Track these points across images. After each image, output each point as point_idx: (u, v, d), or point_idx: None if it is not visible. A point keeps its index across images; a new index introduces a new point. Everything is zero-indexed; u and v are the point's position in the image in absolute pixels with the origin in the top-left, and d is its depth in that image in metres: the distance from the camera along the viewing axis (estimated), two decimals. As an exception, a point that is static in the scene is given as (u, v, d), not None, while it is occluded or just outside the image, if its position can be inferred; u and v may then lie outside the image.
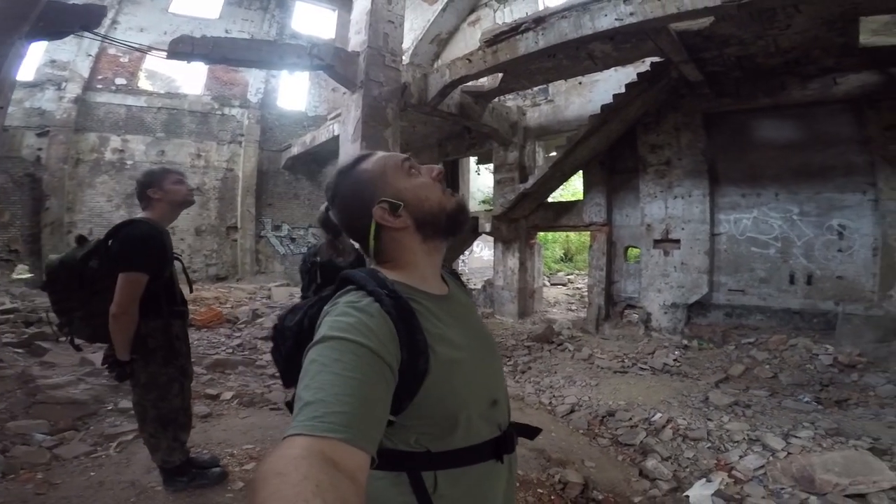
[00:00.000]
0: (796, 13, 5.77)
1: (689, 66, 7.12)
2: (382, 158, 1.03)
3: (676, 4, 5.23)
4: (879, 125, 6.79)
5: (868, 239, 6.99)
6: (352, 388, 0.69)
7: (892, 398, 4.54)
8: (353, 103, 7.33)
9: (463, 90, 8.72)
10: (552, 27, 6.42)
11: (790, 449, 3.56)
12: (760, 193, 7.81)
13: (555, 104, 10.12)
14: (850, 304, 6.94)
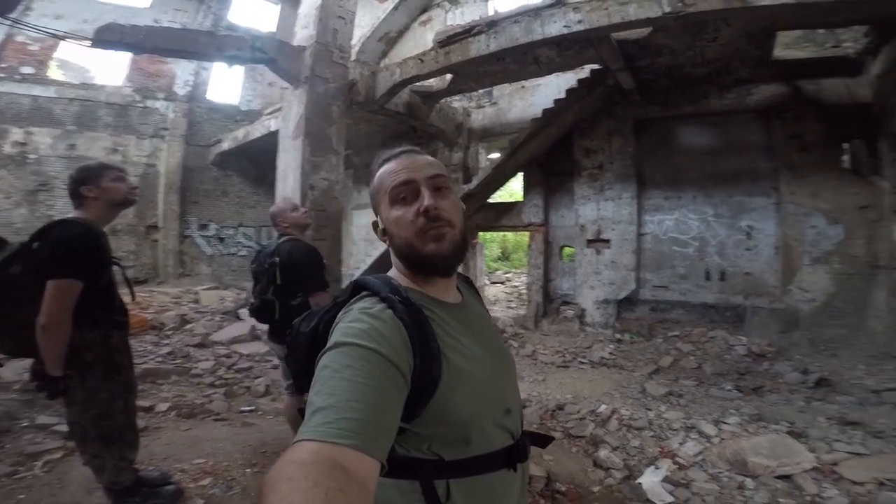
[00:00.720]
0: (724, 26, 6.23)
1: (625, 74, 7.48)
2: (383, 177, 0.99)
3: (621, 14, 5.53)
4: (783, 134, 7.53)
5: (771, 238, 7.73)
6: (363, 395, 0.68)
7: (798, 385, 5.04)
8: (296, 99, 7.05)
9: (412, 90, 8.63)
10: (504, 31, 6.53)
11: (722, 435, 3.81)
12: (681, 196, 8.41)
13: (499, 107, 10.28)
14: (757, 299, 7.66)
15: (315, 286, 2.74)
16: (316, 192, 7.18)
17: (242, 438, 3.36)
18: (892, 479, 2.70)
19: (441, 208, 0.92)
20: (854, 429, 3.73)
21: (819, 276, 7.19)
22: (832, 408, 4.33)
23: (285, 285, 2.72)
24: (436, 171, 0.97)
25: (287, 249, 2.79)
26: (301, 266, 2.73)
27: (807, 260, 7.29)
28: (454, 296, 1.01)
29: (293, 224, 2.98)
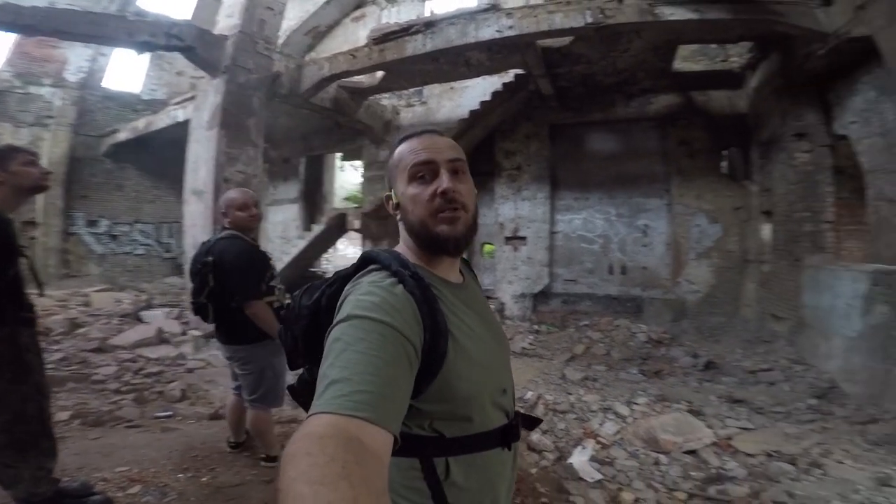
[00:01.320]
0: (636, 38, 6.73)
1: (545, 81, 7.83)
2: (403, 153, 0.98)
3: (548, 22, 5.83)
4: (675, 141, 8.39)
5: (664, 236, 8.58)
6: (376, 368, 0.68)
7: (690, 368, 5.68)
8: (213, 89, 6.62)
9: (340, 85, 8.37)
10: (441, 32, 6.56)
11: (635, 415, 4.17)
12: (588, 197, 9.03)
13: (428, 106, 10.23)
14: (652, 290, 8.48)
15: (244, 295, 2.44)
16: (231, 185, 6.69)
17: (166, 444, 3.09)
18: (777, 451, 3.18)
19: (458, 191, 0.92)
20: (740, 406, 4.31)
21: (702, 269, 8.12)
22: (720, 387, 4.95)
23: (219, 288, 2.46)
24: (456, 154, 0.97)
25: (221, 248, 2.48)
26: (229, 269, 2.43)
27: (692, 255, 8.21)
28: (457, 276, 1.01)
29: (234, 222, 2.61)
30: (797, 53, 5.72)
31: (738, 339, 6.59)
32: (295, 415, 3.57)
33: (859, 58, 5.00)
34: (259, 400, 2.60)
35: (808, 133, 6.11)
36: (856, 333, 4.64)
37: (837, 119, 5.79)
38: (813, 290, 5.63)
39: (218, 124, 6.56)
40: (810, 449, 3.16)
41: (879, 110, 4.94)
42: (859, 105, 5.32)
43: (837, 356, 4.83)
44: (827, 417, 3.81)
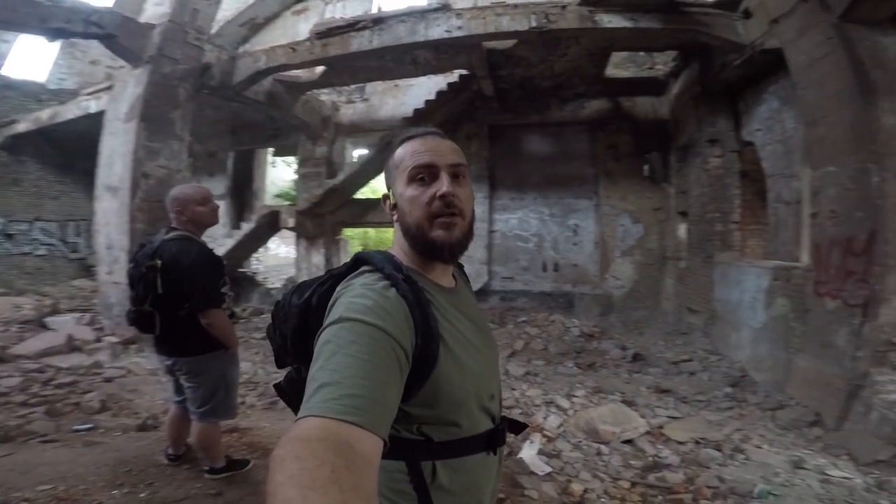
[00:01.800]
0: (575, 44, 6.94)
1: (488, 82, 7.92)
2: (404, 154, 0.95)
3: (495, 24, 5.94)
4: (604, 144, 8.81)
5: (592, 235, 9.01)
6: (367, 372, 0.67)
7: (620, 360, 5.99)
8: (134, 79, 6.26)
9: (276, 78, 8.00)
10: (390, 29, 6.44)
11: (575, 407, 4.32)
12: (524, 198, 9.28)
13: (370, 103, 9.99)
14: (582, 286, 8.89)
15: (203, 302, 2.23)
16: (151, 181, 6.38)
17: (92, 459, 2.79)
18: (704, 438, 3.43)
19: (457, 196, 0.90)
20: (667, 395, 4.61)
21: (626, 266, 8.64)
22: (648, 378, 5.28)
23: (169, 294, 2.20)
24: (458, 159, 0.95)
25: (172, 251, 2.22)
26: (187, 274, 2.20)
27: (617, 253, 8.70)
28: (449, 280, 1.00)
29: (194, 219, 2.36)
30: (715, 63, 6.14)
31: (660, 332, 7.08)
32: (235, 424, 3.38)
33: (769, 69, 5.46)
34: (210, 413, 2.41)
35: (720, 139, 6.63)
36: (760, 325, 5.13)
37: (745, 126, 6.33)
38: (723, 285, 6.16)
39: (137, 116, 6.14)
40: (731, 435, 3.44)
41: (781, 119, 5.44)
42: (764, 113, 5.83)
43: (746, 346, 5.31)
44: (742, 404, 4.17)
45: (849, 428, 3.39)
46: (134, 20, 6.22)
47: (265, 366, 5.58)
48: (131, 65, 6.26)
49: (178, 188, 2.44)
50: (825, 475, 2.83)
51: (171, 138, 6.54)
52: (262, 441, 3.15)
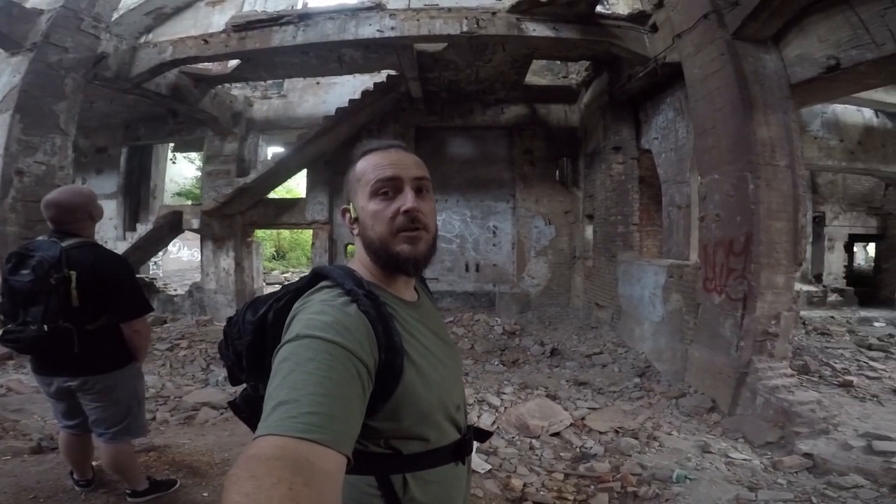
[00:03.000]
0: (500, 50, 7.11)
1: (416, 84, 7.87)
2: (366, 166, 0.93)
3: (428, 27, 5.98)
4: (520, 149, 9.16)
5: (510, 236, 9.40)
6: (327, 389, 0.65)
7: (540, 355, 6.31)
8: (11, 67, 5.68)
9: (182, 71, 7.35)
10: (317, 25, 6.20)
11: (505, 404, 4.42)
12: (448, 199, 9.42)
13: (288, 100, 9.49)
14: (502, 286, 9.25)
15: (135, 311, 2.12)
16: (27, 178, 5.70)
17: None
18: (622, 427, 3.69)
19: (421, 211, 0.89)
20: (585, 388, 4.95)
21: (540, 265, 9.13)
22: (566, 372, 5.64)
23: (84, 307, 2.00)
24: (422, 172, 0.93)
25: (88, 260, 2.01)
26: (113, 283, 2.04)
27: (532, 253, 9.17)
28: (412, 294, 0.99)
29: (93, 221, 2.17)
30: (623, 74, 6.59)
31: (573, 327, 7.57)
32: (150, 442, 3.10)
33: (668, 81, 5.94)
34: (123, 433, 2.21)
35: (623, 147, 7.15)
36: (659, 318, 5.68)
37: (645, 135, 6.90)
38: (625, 282, 6.74)
39: (13, 108, 5.50)
40: (645, 423, 3.74)
41: (675, 128, 5.98)
42: (661, 123, 6.37)
43: (648, 339, 5.84)
44: (650, 394, 4.54)
45: (740, 413, 3.78)
46: (18, 4, 5.67)
47: (173, 378, 5.16)
48: (8, 52, 5.59)
49: (66, 192, 2.16)
50: (728, 458, 3.16)
51: (54, 132, 5.87)
52: (186, 459, 2.89)
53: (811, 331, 7.27)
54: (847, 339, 6.99)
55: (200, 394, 4.57)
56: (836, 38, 3.91)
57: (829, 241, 10.48)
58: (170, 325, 7.93)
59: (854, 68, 3.81)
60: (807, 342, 6.40)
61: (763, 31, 4.27)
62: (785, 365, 4.01)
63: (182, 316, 8.81)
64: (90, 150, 9.72)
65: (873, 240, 11.84)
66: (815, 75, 4.07)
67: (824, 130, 8.54)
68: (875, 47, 3.62)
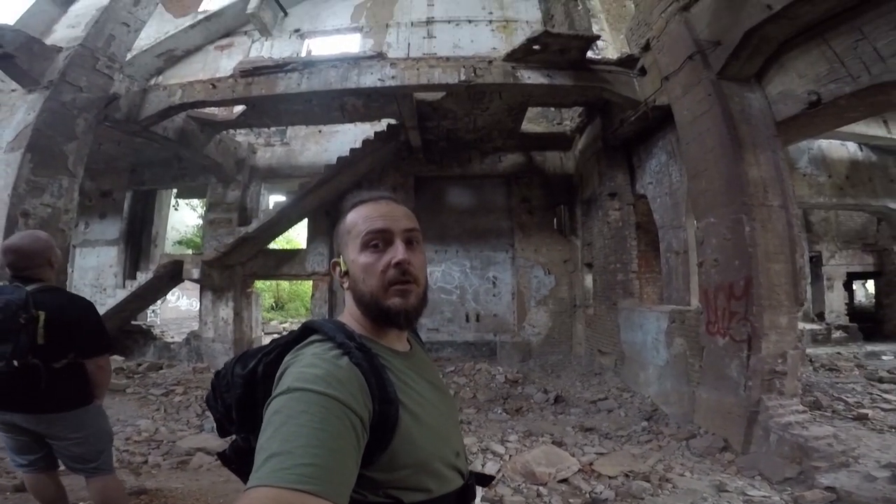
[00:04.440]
0: (497, 98, 7.32)
1: (415, 133, 8.07)
2: (356, 219, 0.94)
3: (427, 76, 6.19)
4: (518, 198, 9.32)
5: (509, 286, 9.41)
6: (320, 441, 0.65)
7: (544, 403, 6.14)
8: (26, 104, 5.74)
9: (189, 115, 7.53)
10: (320, 73, 6.38)
11: (510, 452, 4.27)
12: (447, 250, 9.50)
13: (290, 147, 9.72)
14: (503, 335, 9.13)
15: (100, 348, 2.25)
16: (32, 220, 5.62)
17: None
18: (632, 471, 3.53)
19: (412, 264, 0.89)
20: (591, 433, 4.79)
21: (541, 315, 9.08)
22: (571, 418, 5.46)
23: (50, 345, 2.09)
24: (412, 224, 0.95)
25: (56, 302, 2.14)
26: (83, 325, 2.17)
27: (533, 303, 9.14)
28: (404, 345, 0.98)
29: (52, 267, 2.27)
30: (615, 119, 6.77)
31: (576, 374, 7.42)
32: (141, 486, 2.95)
33: (659, 125, 6.08)
34: (104, 465, 2.28)
35: (619, 192, 7.21)
36: (664, 362, 5.59)
37: (639, 180, 7.00)
38: (627, 328, 6.69)
39: (24, 147, 5.51)
40: (655, 466, 3.59)
41: (669, 172, 6.06)
42: (655, 167, 6.47)
43: (653, 383, 5.73)
44: (658, 437, 4.39)
45: (755, 451, 3.67)
46: (39, 41, 5.78)
47: (167, 423, 5.00)
48: (25, 88, 5.70)
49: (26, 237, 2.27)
50: (747, 496, 3.02)
51: (62, 173, 5.88)
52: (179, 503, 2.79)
53: (819, 367, 7.15)
54: (856, 373, 6.88)
55: (195, 439, 4.41)
56: (814, 72, 4.01)
57: (828, 280, 10.53)
58: (165, 371, 7.76)
59: (834, 102, 3.89)
60: (816, 379, 6.30)
61: (746, 69, 4.39)
62: (796, 402, 3.92)
63: (178, 363, 8.61)
64: (95, 193, 9.84)
65: (871, 277, 11.87)
66: (799, 111, 4.15)
67: (812, 167, 8.73)
68: (851, 80, 3.72)
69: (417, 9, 11.07)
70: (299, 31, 11.19)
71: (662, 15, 5.18)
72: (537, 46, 6.00)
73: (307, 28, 11.24)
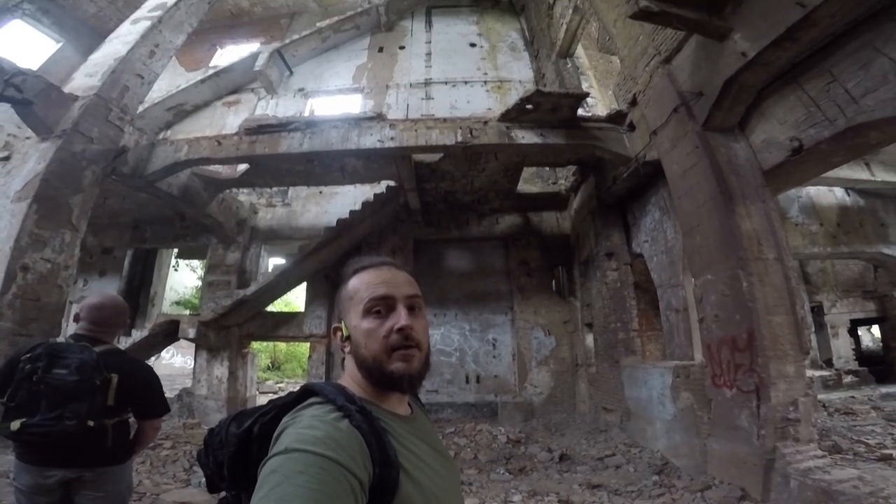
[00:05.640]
0: (493, 159, 7.52)
1: (414, 195, 8.23)
2: (358, 285, 0.96)
3: (425, 138, 6.34)
4: (516, 260, 9.47)
5: (509, 348, 9.32)
6: (316, 501, 0.64)
7: (548, 462, 5.89)
8: (38, 153, 5.63)
9: (194, 172, 7.64)
10: (322, 133, 6.49)
11: None
12: (446, 314, 9.53)
13: (291, 208, 9.89)
14: (504, 396, 8.92)
15: (159, 410, 2.38)
16: (31, 276, 5.40)
17: None
18: None
19: (415, 329, 0.91)
20: (599, 490, 4.57)
21: (543, 375, 8.91)
22: (578, 476, 5.22)
23: (115, 407, 2.20)
24: (414, 290, 0.97)
25: (129, 367, 2.26)
26: (150, 389, 2.31)
27: (534, 364, 9.01)
28: (405, 409, 0.99)
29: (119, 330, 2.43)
30: (608, 176, 6.89)
31: (581, 431, 7.16)
32: None
33: (650, 181, 6.14)
34: None
35: (616, 252, 7.29)
36: (671, 416, 5.46)
37: (635, 238, 7.10)
38: (631, 385, 6.57)
39: (31, 197, 5.35)
40: None
41: (663, 229, 6.16)
42: (649, 225, 6.59)
43: (662, 437, 5.56)
44: (671, 490, 4.24)
45: (775, 498, 3.56)
46: (57, 88, 5.80)
47: (152, 476, 4.79)
48: (39, 136, 5.67)
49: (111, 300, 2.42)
50: None
51: (65, 227, 5.72)
52: None
53: (834, 412, 7.01)
54: (873, 415, 6.74)
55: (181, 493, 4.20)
56: (793, 118, 4.10)
57: (832, 327, 10.49)
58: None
59: (816, 148, 3.94)
60: (832, 423, 6.15)
61: (729, 119, 4.48)
62: (813, 447, 3.81)
63: (169, 417, 8.28)
64: (97, 249, 9.90)
65: (875, 323, 11.90)
66: (783, 159, 4.20)
67: (803, 216, 8.84)
68: (829, 124, 3.79)
69: (416, 70, 11.68)
70: (303, 90, 11.71)
71: (646, 69, 5.35)
72: (530, 106, 6.19)
73: (311, 87, 11.77)
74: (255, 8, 13.75)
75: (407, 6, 13.14)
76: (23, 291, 5.34)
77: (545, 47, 10.74)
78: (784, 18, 3.60)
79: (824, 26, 3.54)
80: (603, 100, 8.92)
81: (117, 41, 6.80)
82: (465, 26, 12.98)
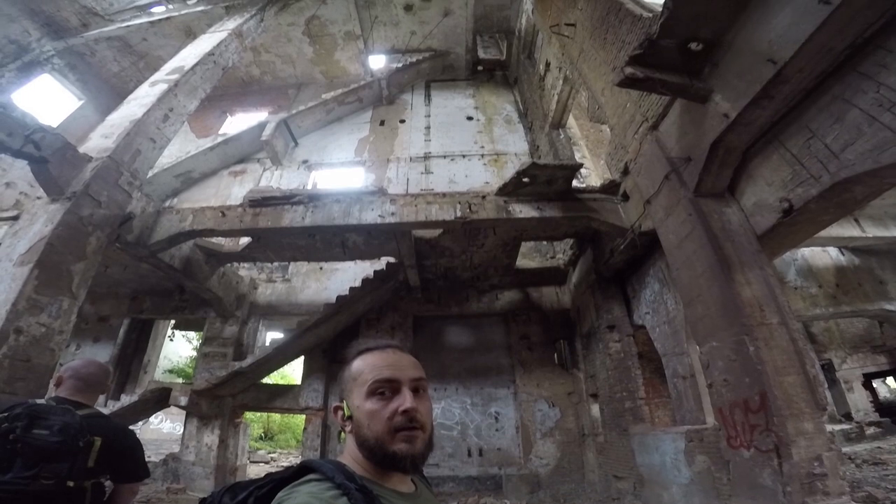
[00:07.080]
0: (492, 234, 7.64)
1: (413, 272, 8.34)
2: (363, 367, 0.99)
3: (425, 213, 6.43)
4: (517, 335, 9.67)
5: (513, 421, 9.31)
6: None
7: (561, 532, 5.78)
8: (46, 214, 5.56)
9: (196, 244, 7.64)
10: (324, 208, 6.54)
11: None
12: (447, 388, 9.62)
13: (291, 284, 9.99)
14: (508, 468, 8.77)
15: (141, 475, 2.41)
16: (23, 338, 5.26)
17: None
18: None
19: (419, 411, 0.93)
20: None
21: (548, 446, 8.83)
22: (599, 545, 5.13)
23: (95, 469, 2.23)
24: (419, 373, 1.00)
25: (112, 432, 2.31)
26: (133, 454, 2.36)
27: (539, 435, 8.96)
28: (409, 486, 1.00)
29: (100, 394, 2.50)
30: (605, 249, 7.00)
31: (591, 501, 7.10)
32: None
33: (647, 252, 6.19)
34: None
35: (617, 325, 7.43)
36: (688, 480, 5.50)
37: (636, 311, 7.32)
38: (642, 452, 6.59)
39: (34, 261, 5.27)
40: None
41: (664, 300, 6.37)
42: (649, 297, 6.82)
43: (679, 500, 5.58)
44: None
45: None
46: (73, 148, 5.78)
47: None
48: (49, 197, 5.58)
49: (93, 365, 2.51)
50: None
51: (64, 294, 5.56)
52: None
53: (861, 463, 7.05)
54: None
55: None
56: (780, 178, 4.12)
57: (846, 382, 10.65)
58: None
59: (806, 207, 3.93)
60: (862, 475, 6.20)
61: (718, 183, 4.49)
62: (846, 500, 3.83)
63: (152, 482, 7.90)
64: (93, 317, 9.84)
65: (889, 375, 12.23)
66: (775, 221, 4.19)
67: (801, 279, 8.96)
68: (815, 181, 3.80)
69: (416, 144, 12.26)
70: (307, 161, 12.18)
71: (635, 136, 5.43)
72: (526, 179, 6.34)
73: (314, 160, 12.27)
74: (266, 77, 14.47)
75: (407, 80, 13.92)
76: (13, 352, 5.18)
77: (538, 119, 11.27)
78: (759, 76, 3.68)
79: (795, 81, 3.58)
80: (596, 169, 9.30)
81: (135, 103, 6.99)
82: (463, 99, 13.79)
